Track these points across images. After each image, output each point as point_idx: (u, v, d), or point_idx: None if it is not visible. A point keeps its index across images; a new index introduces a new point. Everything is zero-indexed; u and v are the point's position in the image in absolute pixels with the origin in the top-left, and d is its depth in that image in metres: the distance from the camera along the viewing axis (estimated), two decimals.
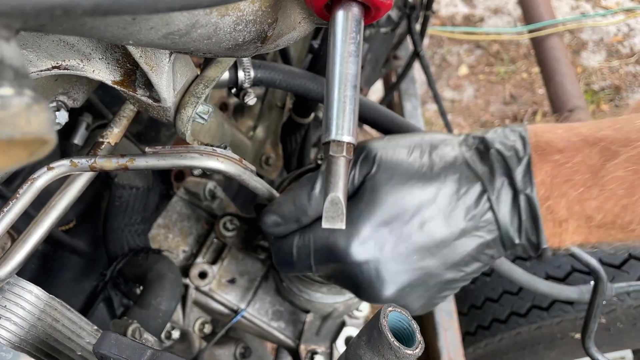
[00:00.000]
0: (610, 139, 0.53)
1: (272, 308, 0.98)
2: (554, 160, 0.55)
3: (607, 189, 0.52)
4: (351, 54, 0.44)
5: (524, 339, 1.31)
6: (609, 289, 0.99)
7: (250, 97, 0.74)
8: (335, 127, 0.44)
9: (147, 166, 0.61)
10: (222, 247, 1.00)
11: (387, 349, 0.46)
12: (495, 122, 3.00)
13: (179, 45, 0.42)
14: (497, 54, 3.29)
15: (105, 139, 0.65)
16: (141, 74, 0.56)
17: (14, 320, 0.55)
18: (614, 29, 3.32)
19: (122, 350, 0.49)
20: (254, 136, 1.17)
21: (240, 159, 0.66)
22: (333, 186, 0.45)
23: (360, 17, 0.44)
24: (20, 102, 0.21)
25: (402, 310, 0.49)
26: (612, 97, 3.05)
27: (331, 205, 0.45)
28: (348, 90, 0.44)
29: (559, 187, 0.55)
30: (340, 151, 0.45)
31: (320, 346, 0.95)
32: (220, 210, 1.07)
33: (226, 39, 0.44)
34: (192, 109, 0.60)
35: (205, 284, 0.94)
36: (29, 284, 0.57)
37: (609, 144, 0.53)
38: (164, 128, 1.14)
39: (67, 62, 0.53)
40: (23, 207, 0.57)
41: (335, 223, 0.46)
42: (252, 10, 0.43)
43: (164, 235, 1.02)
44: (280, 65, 0.79)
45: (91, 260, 1.00)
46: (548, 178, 0.55)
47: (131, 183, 0.89)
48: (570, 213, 0.55)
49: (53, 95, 0.59)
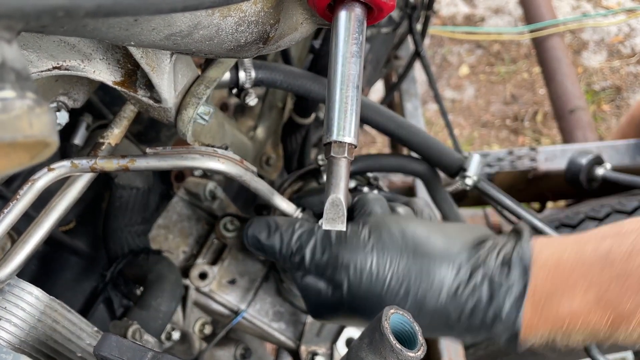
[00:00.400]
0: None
1: (273, 309, 0.98)
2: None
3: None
4: (353, 55, 0.43)
5: None
6: None
7: (251, 98, 0.74)
8: (337, 128, 0.44)
9: (147, 167, 0.61)
10: (223, 248, 1.00)
11: (389, 351, 0.46)
12: (496, 122, 3.00)
13: (180, 47, 0.42)
14: (498, 54, 3.29)
15: (105, 140, 0.64)
16: (142, 74, 0.56)
17: (14, 321, 0.55)
18: (615, 29, 3.32)
19: (123, 352, 0.48)
20: (254, 136, 1.17)
21: (241, 159, 0.66)
22: (334, 187, 0.45)
23: (363, 18, 0.44)
24: (22, 104, 0.21)
25: (404, 313, 0.48)
26: (613, 98, 3.05)
27: (332, 206, 0.45)
28: (350, 91, 0.44)
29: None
30: (342, 152, 0.44)
31: (321, 347, 0.95)
32: (221, 210, 1.07)
33: (228, 40, 0.44)
34: (193, 110, 0.60)
35: (205, 285, 0.94)
36: (29, 285, 0.57)
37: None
38: (165, 128, 1.14)
39: (67, 62, 0.53)
40: (23, 208, 0.57)
41: (336, 225, 0.46)
42: (254, 11, 0.43)
43: (164, 235, 1.02)
44: (281, 65, 0.79)
45: (91, 261, 1.00)
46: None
47: (131, 183, 0.88)
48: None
49: (53, 95, 0.59)
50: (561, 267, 0.55)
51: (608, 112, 2.99)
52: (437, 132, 2.88)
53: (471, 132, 2.96)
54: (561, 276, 0.54)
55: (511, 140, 2.92)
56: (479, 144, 2.92)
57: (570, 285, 0.54)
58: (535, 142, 2.90)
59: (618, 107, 3.01)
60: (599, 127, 2.89)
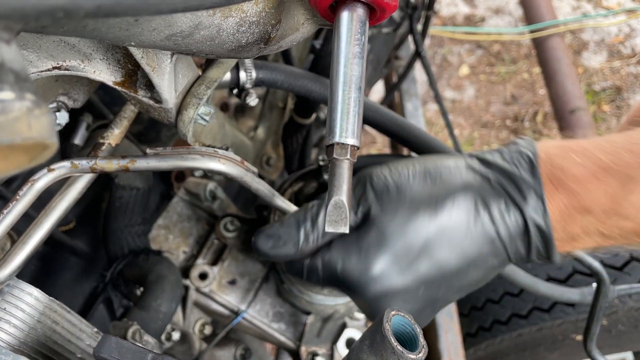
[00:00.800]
0: (631, 165, 0.51)
1: (273, 309, 0.98)
2: (570, 189, 0.54)
3: (628, 216, 0.52)
4: (356, 56, 0.43)
5: (525, 341, 1.31)
6: (611, 291, 0.99)
7: (252, 98, 0.74)
8: (339, 130, 0.43)
9: (148, 167, 0.61)
10: (223, 248, 1.00)
11: (390, 353, 0.45)
12: (496, 122, 2.99)
13: (181, 47, 0.42)
14: (498, 54, 3.29)
15: (106, 140, 0.64)
16: (142, 74, 0.56)
17: (13, 322, 0.54)
18: (615, 30, 3.32)
19: (123, 354, 0.48)
20: (255, 137, 1.17)
21: (241, 160, 0.66)
22: (337, 190, 0.45)
23: (365, 19, 0.44)
24: (21, 106, 0.20)
25: (405, 314, 0.48)
26: (613, 98, 3.04)
27: (334, 209, 0.45)
28: (352, 92, 0.43)
29: (574, 216, 0.54)
30: (345, 154, 0.44)
31: (321, 348, 0.95)
32: (221, 211, 1.06)
33: (229, 40, 0.43)
34: (193, 110, 0.60)
35: (205, 285, 0.94)
36: (28, 286, 0.57)
37: (631, 170, 0.51)
38: (165, 128, 1.14)
39: (67, 62, 0.53)
40: (23, 209, 0.57)
41: (339, 227, 0.45)
42: (255, 12, 0.43)
43: (164, 236, 1.02)
44: (281, 65, 0.79)
45: (91, 261, 1.00)
46: (563, 207, 0.54)
47: (131, 184, 0.88)
48: (586, 233, 0.55)
49: (53, 95, 0.59)
50: (566, 147, 0.56)
51: (608, 112, 2.99)
52: (438, 132, 2.88)
53: (471, 132, 2.96)
54: (568, 152, 0.55)
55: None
56: (479, 144, 2.92)
57: (579, 152, 0.54)
58: None
59: (618, 107, 3.00)
60: (599, 127, 2.89)
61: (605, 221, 0.53)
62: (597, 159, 0.53)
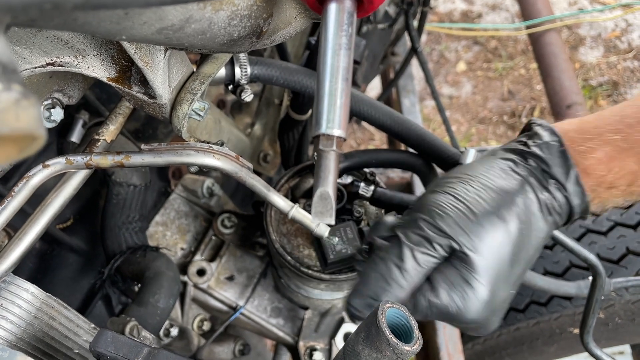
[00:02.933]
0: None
1: (271, 305, 0.98)
2: (594, 173, 0.60)
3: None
4: (342, 47, 0.43)
5: (523, 335, 1.31)
6: (608, 284, 0.99)
7: (247, 94, 0.74)
8: (326, 121, 0.43)
9: (143, 163, 0.61)
10: (221, 245, 1.00)
11: (385, 345, 0.45)
12: (494, 118, 2.99)
13: (173, 41, 0.42)
14: (495, 50, 3.29)
15: (101, 136, 0.64)
16: (136, 70, 0.56)
17: (10, 318, 0.55)
18: (612, 25, 3.32)
19: (119, 348, 0.48)
20: (251, 133, 1.17)
21: (237, 156, 0.66)
22: (322, 181, 0.44)
23: (353, 10, 0.44)
24: (8, 97, 0.20)
25: (400, 307, 0.48)
26: (610, 93, 3.04)
27: (320, 200, 0.45)
28: (339, 83, 0.43)
29: (600, 192, 0.61)
30: (330, 145, 0.44)
31: (319, 342, 0.95)
32: (219, 207, 1.07)
33: (221, 34, 0.43)
34: (187, 106, 0.60)
35: (203, 281, 0.94)
36: (25, 283, 0.57)
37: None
38: (162, 125, 1.14)
39: (61, 58, 0.53)
40: (19, 205, 0.57)
41: (324, 218, 0.46)
42: (246, 5, 0.43)
43: (162, 232, 1.02)
44: (277, 61, 0.79)
45: (89, 258, 1.00)
46: (589, 187, 0.60)
47: (129, 181, 0.88)
48: (612, 198, 0.62)
49: (48, 92, 0.59)
50: (584, 131, 0.61)
51: (605, 107, 2.99)
52: (435, 128, 2.88)
53: (469, 128, 2.96)
54: (586, 138, 0.61)
55: (509, 136, 2.92)
56: (477, 140, 2.92)
57: (597, 134, 0.60)
58: None
59: (615, 102, 3.01)
60: None
61: (630, 189, 0.61)
62: (614, 142, 0.59)
